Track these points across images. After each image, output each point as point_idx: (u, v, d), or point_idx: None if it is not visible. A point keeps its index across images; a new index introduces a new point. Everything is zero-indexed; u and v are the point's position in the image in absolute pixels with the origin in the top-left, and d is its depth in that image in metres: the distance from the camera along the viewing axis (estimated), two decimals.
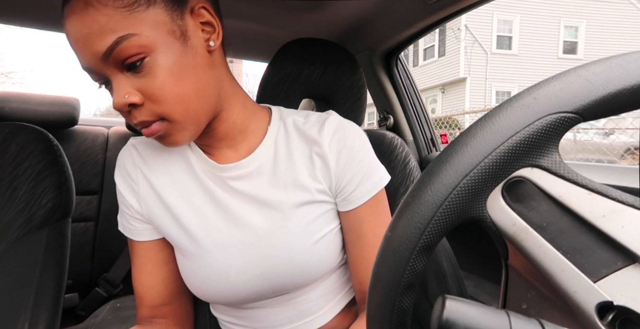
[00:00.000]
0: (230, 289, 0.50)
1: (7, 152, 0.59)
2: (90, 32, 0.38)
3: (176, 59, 0.40)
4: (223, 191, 0.51)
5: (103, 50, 0.38)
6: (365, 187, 0.52)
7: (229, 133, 0.50)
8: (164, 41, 0.40)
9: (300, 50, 0.79)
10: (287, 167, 0.51)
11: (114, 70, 0.40)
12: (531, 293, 0.24)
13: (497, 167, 0.22)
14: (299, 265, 0.50)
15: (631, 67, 0.21)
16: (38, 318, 0.55)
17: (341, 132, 0.52)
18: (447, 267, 0.76)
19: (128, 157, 0.53)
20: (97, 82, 0.43)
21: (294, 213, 0.50)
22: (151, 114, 0.41)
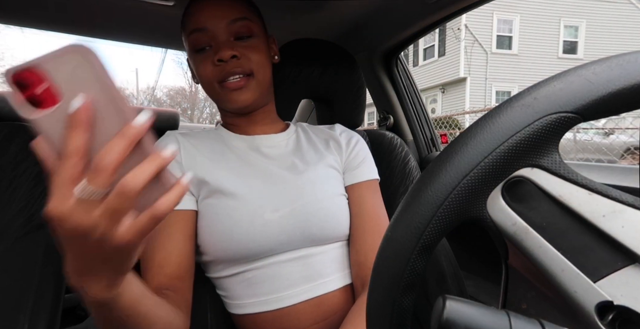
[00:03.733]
0: (263, 229, 0.55)
1: (7, 152, 0.59)
2: (232, 5, 0.58)
3: (264, 49, 0.61)
4: (259, 155, 0.63)
5: (235, 17, 0.57)
6: (367, 168, 0.67)
7: (264, 119, 0.67)
8: (262, 38, 0.62)
9: (299, 51, 0.79)
10: (308, 144, 0.68)
11: (227, 34, 0.57)
12: (531, 293, 0.24)
13: (497, 167, 0.22)
14: (325, 208, 0.59)
15: (631, 67, 0.21)
16: (38, 318, 0.55)
17: (348, 132, 0.72)
18: (447, 267, 0.76)
19: (170, 139, 0.62)
20: (200, 43, 0.58)
21: (317, 169, 0.63)
22: (245, 66, 0.58)
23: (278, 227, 0.56)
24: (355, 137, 0.70)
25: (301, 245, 0.58)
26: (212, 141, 0.64)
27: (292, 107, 0.85)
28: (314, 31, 1.07)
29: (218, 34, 0.57)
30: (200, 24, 0.56)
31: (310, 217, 0.58)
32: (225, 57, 0.55)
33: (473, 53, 11.43)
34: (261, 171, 0.61)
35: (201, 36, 0.57)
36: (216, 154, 0.62)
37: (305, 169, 0.62)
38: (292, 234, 0.57)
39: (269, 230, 0.55)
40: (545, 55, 11.74)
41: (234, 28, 0.57)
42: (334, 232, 0.61)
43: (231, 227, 0.55)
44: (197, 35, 0.57)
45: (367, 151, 0.70)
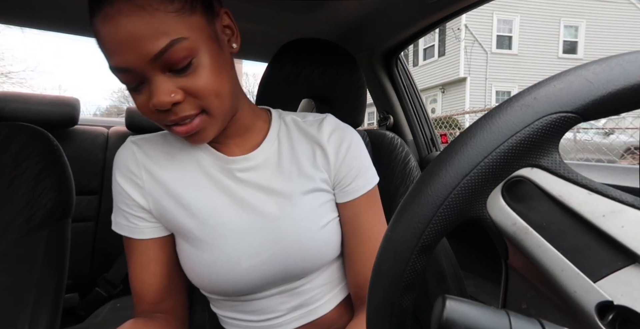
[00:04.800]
0: (240, 276, 0.51)
1: (7, 152, 0.59)
2: (144, 34, 0.39)
3: (215, 59, 0.44)
4: (231, 181, 0.53)
5: (155, 52, 0.40)
6: (361, 181, 0.56)
7: (237, 131, 0.54)
8: (205, 43, 0.43)
9: (300, 50, 0.79)
10: (290, 159, 0.55)
11: (157, 72, 0.42)
12: (531, 293, 0.24)
13: (497, 167, 0.22)
14: (307, 249, 0.52)
15: (631, 66, 0.21)
16: (38, 318, 0.55)
17: (339, 130, 0.57)
18: (447, 267, 0.76)
19: (129, 154, 0.54)
20: (129, 83, 0.44)
21: (300, 200, 0.53)
22: (193, 107, 0.44)
23: (256, 273, 0.51)
24: (346, 141, 0.56)
25: (283, 283, 0.54)
26: (181, 155, 0.54)
27: (293, 106, 0.85)
28: (314, 31, 1.07)
29: (147, 76, 0.42)
30: (117, 63, 0.41)
31: (292, 259, 0.52)
32: (163, 106, 0.42)
33: (473, 53, 11.43)
34: (237, 202, 0.52)
35: (126, 76, 0.43)
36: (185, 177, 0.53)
37: (287, 200, 0.53)
38: (270, 277, 0.52)
39: (246, 277, 0.51)
40: (545, 55, 11.74)
41: (162, 62, 0.41)
42: (321, 264, 0.55)
43: (207, 272, 0.51)
44: (120, 75, 0.43)
45: (362, 154, 0.57)
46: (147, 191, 0.52)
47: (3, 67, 12.88)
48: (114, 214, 0.55)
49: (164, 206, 0.52)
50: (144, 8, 0.39)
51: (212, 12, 0.46)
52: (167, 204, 0.52)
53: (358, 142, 0.58)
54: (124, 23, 0.39)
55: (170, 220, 0.53)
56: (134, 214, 0.53)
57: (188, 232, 0.52)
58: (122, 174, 0.53)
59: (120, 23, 0.39)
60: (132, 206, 0.53)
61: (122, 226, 0.54)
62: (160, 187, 0.53)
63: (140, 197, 0.52)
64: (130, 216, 0.53)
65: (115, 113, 21.85)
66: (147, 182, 0.53)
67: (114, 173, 0.54)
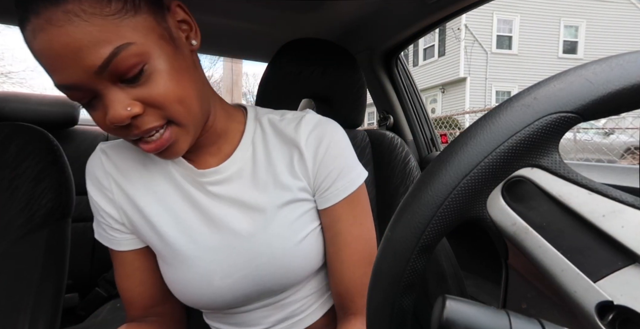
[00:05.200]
0: (215, 294, 0.49)
1: (7, 152, 0.59)
2: (81, 46, 0.34)
3: (172, 62, 0.39)
4: (204, 195, 0.50)
5: (99, 63, 0.34)
6: (341, 184, 0.51)
7: (210, 139, 0.49)
8: (158, 46, 0.38)
9: (300, 50, 0.79)
10: (266, 167, 0.51)
11: (107, 84, 0.37)
12: (531, 293, 0.24)
13: (497, 167, 0.22)
14: (284, 266, 0.49)
15: (631, 67, 0.21)
16: (38, 318, 0.55)
17: (318, 129, 0.52)
18: (447, 267, 0.76)
19: (98, 165, 0.50)
20: (80, 100, 0.38)
21: (276, 214, 0.50)
22: (157, 118, 0.39)
23: (231, 292, 0.49)
24: (325, 140, 0.51)
25: (262, 298, 0.52)
26: (152, 165, 0.51)
27: (293, 106, 0.85)
28: (314, 31, 1.07)
29: (93, 89, 0.37)
30: (59, 80, 0.36)
31: (268, 278, 0.49)
32: (121, 122, 0.37)
33: (473, 53, 11.43)
34: (209, 219, 0.49)
35: (74, 93, 0.37)
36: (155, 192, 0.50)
37: (261, 215, 0.49)
38: (249, 294, 0.50)
39: (221, 295, 0.49)
40: (545, 55, 11.74)
41: (110, 74, 0.36)
42: (302, 278, 0.52)
43: (183, 289, 0.50)
44: (68, 92, 0.37)
45: (343, 153, 0.52)
46: (117, 204, 0.50)
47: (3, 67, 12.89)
48: (95, 224, 0.53)
49: (134, 222, 0.50)
50: (77, 14, 0.33)
51: (162, 8, 0.40)
52: (136, 220, 0.50)
53: (339, 140, 0.52)
54: (57, 35, 0.33)
55: (141, 236, 0.51)
56: (110, 226, 0.51)
57: (160, 251, 0.50)
58: (93, 185, 0.51)
59: (52, 35, 0.33)
60: (106, 218, 0.51)
61: (102, 236, 0.53)
62: (130, 203, 0.50)
63: (113, 210, 0.50)
64: (107, 228, 0.52)
65: None
66: (117, 196, 0.50)
67: (87, 182, 0.51)
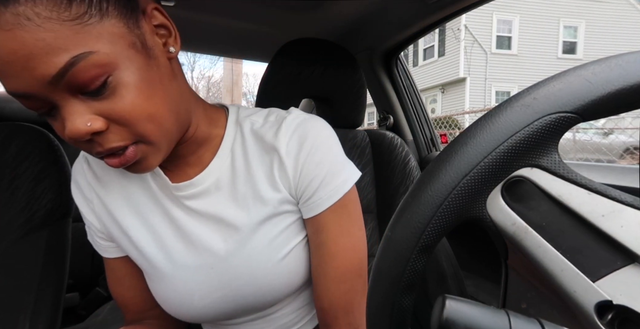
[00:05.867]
0: (196, 311, 0.48)
1: (7, 152, 0.59)
2: (32, 53, 0.29)
3: (142, 74, 0.35)
4: (180, 210, 0.47)
5: (52, 73, 0.30)
6: (324, 192, 0.46)
7: (189, 149, 0.46)
8: (126, 56, 0.33)
9: (300, 50, 0.79)
10: (246, 179, 0.47)
11: (64, 95, 0.32)
12: (531, 293, 0.24)
13: (497, 167, 0.22)
14: (265, 285, 0.47)
15: (630, 67, 0.21)
16: (39, 318, 0.55)
17: (300, 133, 0.46)
18: (447, 267, 0.76)
19: (80, 173, 0.49)
20: (36, 110, 0.34)
21: (256, 231, 0.46)
22: (123, 138, 0.35)
23: (212, 310, 0.48)
24: (306, 144, 0.46)
25: (250, 313, 0.51)
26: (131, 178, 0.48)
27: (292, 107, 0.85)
28: (314, 31, 1.07)
29: (53, 101, 0.33)
30: (10, 88, 0.32)
31: (249, 297, 0.47)
32: (80, 137, 0.33)
33: (473, 53, 11.43)
34: (186, 236, 0.47)
35: (29, 102, 0.33)
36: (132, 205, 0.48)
37: (239, 233, 0.46)
38: (231, 312, 0.49)
39: (203, 313, 0.48)
40: (545, 55, 11.75)
41: (66, 85, 0.31)
42: (286, 295, 0.49)
43: (163, 302, 0.49)
44: (22, 101, 0.33)
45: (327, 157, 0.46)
46: (97, 215, 0.49)
47: None
48: (86, 226, 0.53)
49: (113, 234, 0.49)
50: (29, 18, 0.29)
51: (135, 12, 0.35)
52: (115, 233, 0.49)
53: (322, 142, 0.46)
54: (5, 40, 0.29)
55: (122, 248, 0.50)
56: (95, 233, 0.51)
57: (140, 264, 0.49)
58: (76, 192, 0.50)
59: (4, 40, 0.29)
60: (91, 225, 0.50)
61: (92, 241, 0.52)
62: (109, 215, 0.48)
63: (95, 220, 0.50)
64: (93, 234, 0.51)
65: None
66: (97, 207, 0.49)
67: (72, 188, 0.50)
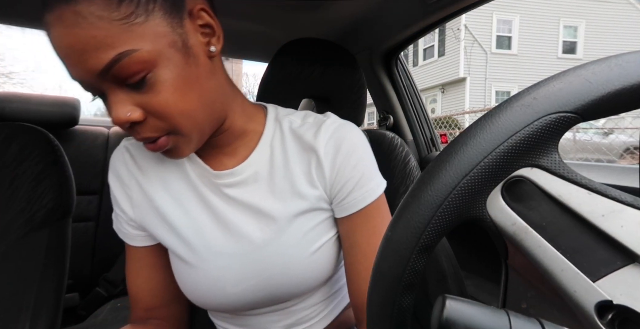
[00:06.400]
0: (226, 299, 0.49)
1: (8, 153, 0.59)
2: (85, 49, 0.34)
3: (179, 72, 0.38)
4: (218, 198, 0.49)
5: (100, 67, 0.34)
6: (359, 193, 0.49)
7: (227, 140, 0.49)
8: (166, 54, 0.37)
9: (300, 50, 0.79)
10: (284, 173, 0.49)
11: (111, 86, 0.36)
12: (531, 293, 0.24)
13: (497, 167, 0.22)
14: (296, 276, 0.49)
15: (630, 67, 0.21)
16: (39, 318, 0.55)
17: (337, 136, 0.49)
18: (447, 267, 0.76)
19: (121, 161, 0.51)
20: (92, 93, 0.39)
21: (291, 223, 0.48)
22: (156, 129, 0.39)
23: (241, 298, 0.49)
24: (344, 147, 0.49)
25: (273, 304, 0.52)
26: (170, 165, 0.50)
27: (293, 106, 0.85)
28: (314, 31, 1.07)
29: (101, 89, 0.37)
30: (71, 75, 0.37)
31: (279, 287, 0.49)
32: (121, 125, 0.38)
33: (473, 53, 11.43)
34: (223, 223, 0.49)
35: (85, 87, 0.38)
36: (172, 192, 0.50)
37: (276, 223, 0.48)
38: (260, 301, 0.50)
39: (233, 300, 0.49)
40: (545, 55, 11.74)
41: (112, 77, 0.36)
42: (308, 289, 0.51)
43: (195, 291, 0.50)
44: (81, 85, 0.38)
45: (362, 162, 0.49)
46: (135, 202, 0.51)
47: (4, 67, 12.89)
48: (113, 215, 0.55)
49: (150, 221, 0.50)
50: (85, 17, 0.33)
51: (180, 12, 0.38)
52: (152, 219, 0.50)
53: (358, 147, 0.50)
54: (65, 35, 0.34)
55: (155, 235, 0.51)
56: (125, 221, 0.52)
57: (174, 251, 0.50)
58: (114, 180, 0.52)
59: (61, 34, 0.34)
60: (123, 212, 0.52)
61: (118, 229, 0.54)
62: (147, 202, 0.50)
63: (129, 207, 0.51)
64: (122, 222, 0.53)
65: None
66: (135, 194, 0.50)
67: (109, 175, 0.52)
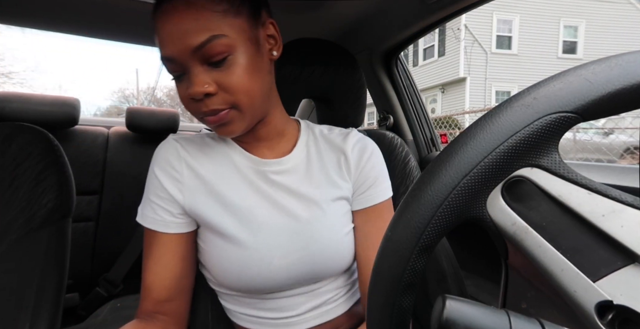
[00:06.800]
0: (271, 273, 0.53)
1: (8, 153, 0.59)
2: (189, 28, 0.45)
3: (251, 60, 0.48)
4: (264, 182, 0.56)
5: (196, 44, 0.45)
6: (376, 190, 0.60)
7: (269, 134, 0.58)
8: (244, 44, 0.48)
9: (300, 50, 0.79)
10: (319, 167, 0.59)
11: (195, 63, 0.46)
12: (531, 293, 0.24)
13: (497, 167, 0.22)
14: (334, 253, 0.56)
15: (630, 66, 0.21)
16: (39, 318, 0.55)
17: (361, 144, 0.62)
18: (447, 267, 0.76)
19: (171, 149, 0.56)
20: (173, 72, 0.49)
21: (329, 206, 0.57)
22: (224, 102, 0.48)
23: (286, 272, 0.54)
24: (368, 150, 0.61)
25: (307, 283, 0.57)
26: (218, 155, 0.58)
27: (293, 106, 0.85)
28: (314, 31, 1.07)
29: (186, 65, 0.47)
30: (165, 52, 0.47)
31: (318, 263, 0.55)
32: (197, 96, 0.47)
33: (473, 53, 11.42)
34: (271, 203, 0.56)
35: (171, 65, 0.48)
36: (223, 176, 0.56)
37: (317, 205, 0.56)
38: (298, 277, 0.55)
39: (276, 275, 0.54)
40: (545, 55, 11.74)
41: (201, 55, 0.46)
42: (340, 269, 0.59)
43: (239, 269, 0.53)
44: (167, 64, 0.48)
45: (381, 166, 0.62)
46: (185, 186, 0.55)
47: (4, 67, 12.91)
48: (142, 205, 0.56)
49: (202, 202, 0.54)
50: (194, 6, 0.45)
51: (258, 20, 0.51)
52: (205, 200, 0.54)
53: (378, 154, 0.62)
54: (177, 18, 0.45)
55: (205, 216, 0.54)
56: (163, 207, 0.54)
57: (224, 229, 0.53)
58: (161, 167, 0.55)
59: (174, 18, 0.45)
60: (164, 199, 0.54)
61: (147, 217, 0.55)
62: (200, 184, 0.55)
63: (177, 192, 0.54)
64: (159, 209, 0.54)
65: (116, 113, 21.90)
66: (187, 178, 0.55)
67: (152, 167, 0.56)
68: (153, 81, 43.94)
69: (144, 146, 1.54)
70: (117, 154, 1.47)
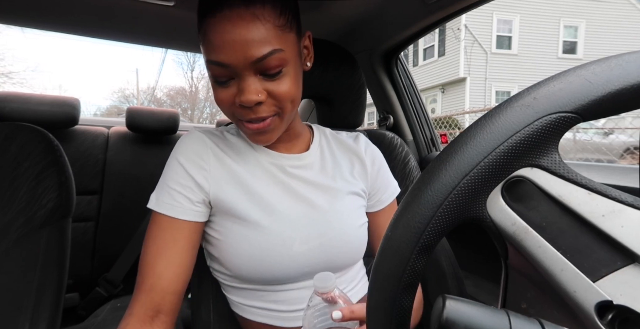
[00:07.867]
0: (291, 260, 0.55)
1: (8, 153, 0.59)
2: (253, 39, 0.45)
3: (296, 71, 0.52)
4: (284, 174, 0.60)
5: (258, 56, 0.46)
6: (388, 192, 0.67)
7: (289, 136, 0.62)
8: (294, 57, 0.51)
9: None
10: (333, 164, 0.64)
11: (251, 72, 0.48)
12: (531, 293, 0.24)
13: (497, 167, 0.22)
14: (350, 242, 0.59)
15: (630, 67, 0.21)
16: (39, 318, 0.55)
17: (371, 148, 0.69)
18: (447, 267, 0.76)
19: (198, 140, 0.58)
20: (220, 77, 0.49)
21: (344, 198, 0.61)
22: (270, 110, 0.51)
23: (305, 259, 0.56)
24: (379, 156, 0.68)
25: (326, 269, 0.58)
26: (240, 149, 0.60)
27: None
28: (314, 31, 1.07)
29: (241, 74, 0.48)
30: (220, 58, 0.47)
31: (336, 251, 0.58)
32: (250, 104, 0.48)
33: (473, 53, 11.42)
34: (292, 193, 0.59)
35: (221, 70, 0.48)
36: (246, 166, 0.59)
37: (334, 196, 0.60)
38: (316, 265, 0.57)
39: (296, 261, 0.55)
40: (545, 55, 11.73)
41: (259, 66, 0.47)
42: (355, 260, 0.62)
43: (260, 255, 0.54)
44: (217, 68, 0.48)
45: (387, 168, 0.69)
46: (211, 174, 0.56)
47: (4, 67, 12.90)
48: (157, 193, 0.55)
49: (226, 190, 0.56)
50: (259, 18, 0.46)
51: (301, 35, 0.54)
52: (230, 188, 0.56)
53: (382, 157, 0.69)
54: (240, 26, 0.45)
55: (229, 202, 0.55)
56: (184, 194, 0.54)
57: (247, 216, 0.55)
58: (186, 156, 0.56)
59: (236, 26, 0.45)
60: (186, 187, 0.55)
61: (162, 203, 0.54)
62: (226, 172, 0.57)
63: (202, 179, 0.55)
64: (178, 195, 0.54)
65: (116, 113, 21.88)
66: (212, 167, 0.57)
67: (176, 155, 0.57)
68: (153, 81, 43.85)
69: (144, 146, 1.54)
70: (117, 154, 1.47)
